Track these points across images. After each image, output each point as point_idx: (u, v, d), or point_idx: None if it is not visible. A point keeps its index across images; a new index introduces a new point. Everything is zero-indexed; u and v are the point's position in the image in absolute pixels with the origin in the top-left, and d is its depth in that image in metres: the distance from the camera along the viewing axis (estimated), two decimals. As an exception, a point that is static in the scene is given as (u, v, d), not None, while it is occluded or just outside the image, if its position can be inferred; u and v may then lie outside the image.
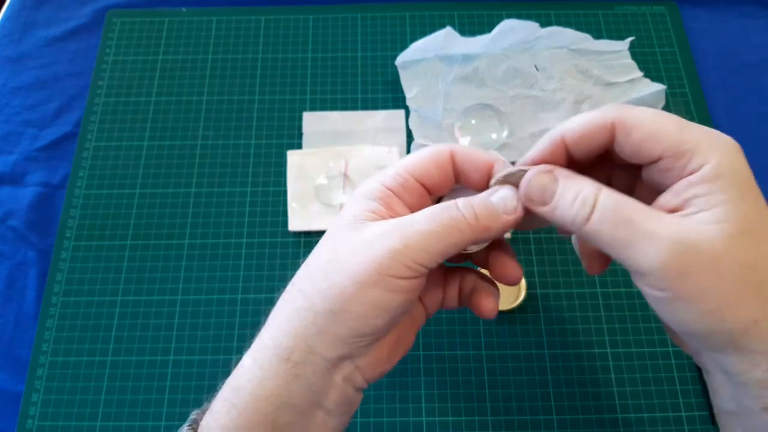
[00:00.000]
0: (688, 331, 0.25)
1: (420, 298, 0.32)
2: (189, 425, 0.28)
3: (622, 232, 0.25)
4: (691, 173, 0.25)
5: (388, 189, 0.29)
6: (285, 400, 0.27)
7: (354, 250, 0.27)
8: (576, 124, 0.27)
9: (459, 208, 0.27)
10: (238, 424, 0.27)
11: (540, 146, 0.28)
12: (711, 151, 0.25)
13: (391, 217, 0.28)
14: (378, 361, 0.29)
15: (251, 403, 0.27)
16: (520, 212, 0.28)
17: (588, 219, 0.25)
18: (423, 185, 0.29)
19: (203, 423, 0.28)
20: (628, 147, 0.27)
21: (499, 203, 0.28)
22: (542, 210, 0.27)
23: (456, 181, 0.30)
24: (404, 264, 0.26)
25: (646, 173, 0.28)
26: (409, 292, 0.27)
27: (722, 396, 0.27)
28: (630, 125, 0.26)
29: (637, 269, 0.25)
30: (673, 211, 0.26)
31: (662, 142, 0.26)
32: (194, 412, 0.29)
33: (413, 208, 0.29)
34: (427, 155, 0.29)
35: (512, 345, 0.45)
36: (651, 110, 0.27)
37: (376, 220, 0.28)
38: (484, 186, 0.29)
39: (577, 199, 0.26)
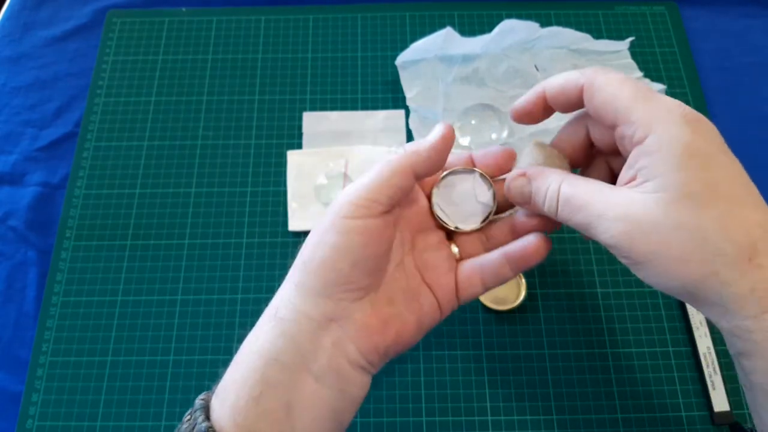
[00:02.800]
0: (661, 290, 0.28)
1: (429, 287, 0.32)
2: (205, 393, 0.30)
3: (581, 217, 0.28)
4: (638, 143, 0.27)
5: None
6: (273, 356, 0.28)
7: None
8: (556, 81, 0.30)
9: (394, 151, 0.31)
10: (235, 378, 0.29)
11: (525, 97, 0.32)
12: (656, 123, 0.26)
13: None
14: (368, 329, 0.29)
15: (246, 357, 0.29)
16: (440, 135, 0.31)
17: (557, 211, 0.29)
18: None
19: (218, 387, 0.30)
20: (591, 110, 0.29)
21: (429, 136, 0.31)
22: (529, 208, 0.31)
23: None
24: (351, 202, 0.29)
25: (617, 141, 0.29)
26: (365, 234, 0.29)
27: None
28: (594, 89, 0.28)
29: (604, 245, 0.28)
30: (629, 182, 0.27)
31: (616, 108, 0.27)
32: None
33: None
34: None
35: (512, 345, 0.45)
36: (621, 76, 0.28)
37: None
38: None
39: (547, 196, 0.30)
